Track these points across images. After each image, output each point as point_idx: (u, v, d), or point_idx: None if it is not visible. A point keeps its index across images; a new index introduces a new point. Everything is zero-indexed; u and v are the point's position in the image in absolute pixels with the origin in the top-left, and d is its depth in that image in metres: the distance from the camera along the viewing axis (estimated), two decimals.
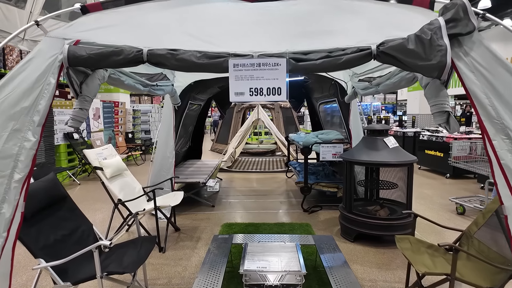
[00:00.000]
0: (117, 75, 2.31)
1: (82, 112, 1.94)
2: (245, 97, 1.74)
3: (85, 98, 1.95)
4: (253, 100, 1.75)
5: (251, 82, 1.71)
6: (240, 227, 3.79)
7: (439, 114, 1.81)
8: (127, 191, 3.44)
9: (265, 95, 1.72)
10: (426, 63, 1.58)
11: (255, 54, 1.75)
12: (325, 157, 4.40)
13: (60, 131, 6.56)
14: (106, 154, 3.49)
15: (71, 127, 1.95)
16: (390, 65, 2.04)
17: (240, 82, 1.73)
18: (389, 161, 3.18)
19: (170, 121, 4.26)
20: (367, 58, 1.71)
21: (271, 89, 1.72)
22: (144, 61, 1.77)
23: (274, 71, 1.71)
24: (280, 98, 1.72)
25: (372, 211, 3.53)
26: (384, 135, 3.43)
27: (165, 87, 3.35)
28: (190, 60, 1.71)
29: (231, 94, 1.76)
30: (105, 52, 1.71)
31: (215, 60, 1.73)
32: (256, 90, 1.73)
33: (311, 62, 1.69)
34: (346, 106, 4.66)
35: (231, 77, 1.74)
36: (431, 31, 1.59)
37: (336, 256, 2.44)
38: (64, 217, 2.31)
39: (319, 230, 3.76)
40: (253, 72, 1.72)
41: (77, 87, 1.94)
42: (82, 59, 1.69)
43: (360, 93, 3.28)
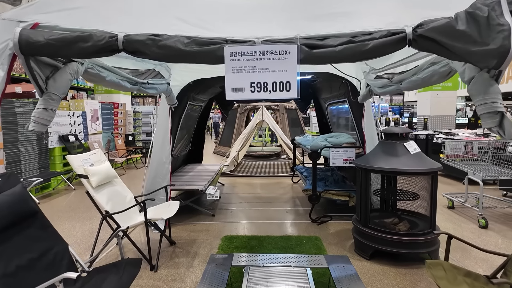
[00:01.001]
0: (96, 69, 1.96)
1: (47, 113, 1.59)
2: (245, 94, 1.38)
3: (51, 96, 1.61)
4: (254, 97, 1.40)
5: (252, 75, 1.35)
6: (242, 241, 3.42)
7: (489, 115, 1.42)
8: (116, 202, 3.09)
9: (270, 91, 1.36)
10: (481, 48, 1.20)
11: (258, 40, 1.39)
12: (335, 163, 4.01)
13: (55, 134, 6.26)
14: (93, 160, 3.15)
15: (34, 131, 1.60)
16: (427, 53, 1.66)
17: (239, 75, 1.37)
18: (412, 169, 2.79)
19: (167, 123, 3.91)
20: (400, 44, 1.34)
21: (277, 84, 1.36)
22: (120, 49, 1.42)
23: (281, 61, 1.34)
24: (289, 95, 1.36)
25: (390, 225, 3.14)
26: (404, 139, 3.05)
27: (158, 86, 3.00)
28: (175, 48, 1.36)
29: (227, 90, 1.41)
30: (69, 38, 1.36)
31: (207, 47, 1.37)
32: (259, 85, 1.37)
33: (329, 49, 1.33)
34: (358, 107, 4.27)
35: (227, 69, 1.38)
36: (488, 6, 1.21)
37: (354, 283, 2.05)
38: (34, 237, 1.96)
39: (330, 244, 3.38)
40: (255, 62, 1.36)
41: (42, 82, 1.60)
42: (38, 46, 1.34)
43: (377, 92, 2.90)
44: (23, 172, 5.35)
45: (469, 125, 9.67)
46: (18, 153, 5.26)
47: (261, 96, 1.37)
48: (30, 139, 5.55)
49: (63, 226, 4.03)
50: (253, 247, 3.27)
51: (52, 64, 1.68)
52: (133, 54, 1.43)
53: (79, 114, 7.11)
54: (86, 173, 2.89)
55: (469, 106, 18.15)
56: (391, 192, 3.36)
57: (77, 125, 7.02)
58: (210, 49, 1.35)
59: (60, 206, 4.94)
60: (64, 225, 4.07)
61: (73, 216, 4.44)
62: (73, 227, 3.99)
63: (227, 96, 1.41)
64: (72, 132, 6.81)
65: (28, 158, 5.49)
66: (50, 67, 1.67)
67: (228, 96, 1.41)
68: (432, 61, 1.92)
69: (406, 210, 3.43)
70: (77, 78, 1.80)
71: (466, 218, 4.20)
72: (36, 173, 5.63)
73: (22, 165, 5.34)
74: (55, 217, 4.39)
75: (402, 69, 2.35)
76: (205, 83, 4.65)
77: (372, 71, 2.81)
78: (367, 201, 3.08)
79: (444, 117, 10.50)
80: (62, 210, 4.73)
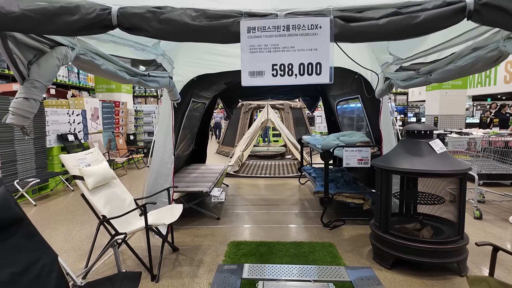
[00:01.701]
0: (89, 56, 1.71)
1: (29, 104, 1.35)
2: (265, 79, 1.13)
3: (34, 83, 1.36)
4: (276, 82, 1.14)
5: (274, 55, 1.10)
6: (250, 247, 3.16)
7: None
8: (115, 205, 2.85)
9: (297, 75, 1.11)
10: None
11: (281, 12, 1.14)
12: (349, 163, 3.76)
13: (53, 133, 6.03)
14: (90, 160, 2.91)
15: (13, 124, 1.36)
16: (470, 36, 1.39)
17: (258, 55, 1.12)
18: (440, 169, 2.52)
19: (169, 121, 3.67)
20: (457, 16, 1.09)
21: (305, 66, 1.10)
22: (113, 25, 1.17)
23: (311, 37, 1.09)
24: (320, 79, 1.11)
25: (412, 231, 2.88)
26: (428, 138, 2.78)
27: (160, 79, 2.75)
28: (181, 22, 1.11)
29: (243, 74, 1.15)
30: (51, 9, 1.12)
31: (220, 21, 1.12)
32: (283, 68, 1.12)
33: (370, 22, 1.07)
34: (372, 103, 4.01)
35: (243, 48, 1.13)
36: None
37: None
38: (17, 248, 1.71)
39: (346, 251, 3.11)
40: (278, 39, 1.11)
41: (23, 68, 1.35)
42: (12, 19, 1.10)
43: (400, 86, 2.64)
44: (19, 173, 5.12)
45: (481, 125, 9.36)
46: (14, 152, 5.03)
47: (285, 81, 1.12)
48: (27, 138, 5.32)
49: (59, 230, 3.79)
50: (262, 254, 3.01)
51: (37, 47, 1.43)
52: (130, 31, 1.18)
53: (79, 112, 6.89)
54: (81, 174, 2.65)
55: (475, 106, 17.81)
56: (413, 195, 3.10)
57: (77, 124, 6.79)
58: (223, 24, 1.11)
59: (58, 208, 4.71)
60: (61, 229, 3.83)
61: (70, 219, 4.21)
62: (70, 231, 3.75)
63: (243, 81, 1.16)
64: (71, 131, 6.58)
65: (25, 157, 5.26)
66: (34, 51, 1.43)
67: (244, 81, 1.16)
68: (475, 45, 1.67)
69: (427, 215, 3.17)
70: (66, 65, 1.56)
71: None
72: (33, 173, 5.41)
73: (18, 165, 5.12)
74: (51, 220, 4.15)
75: (436, 57, 2.09)
76: (209, 79, 4.40)
77: (396, 62, 2.55)
78: (388, 205, 2.81)
79: (454, 117, 10.21)
80: (60, 212, 4.50)
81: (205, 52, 3.68)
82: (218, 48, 3.67)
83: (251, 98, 7.35)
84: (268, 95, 6.19)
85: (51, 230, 3.76)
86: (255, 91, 6.12)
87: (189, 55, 3.64)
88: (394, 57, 2.55)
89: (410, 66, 2.43)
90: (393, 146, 3.76)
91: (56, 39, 1.50)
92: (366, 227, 3.75)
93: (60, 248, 3.27)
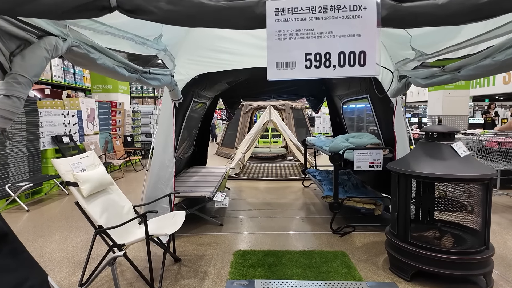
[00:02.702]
0: (83, 48, 1.51)
1: (11, 102, 1.14)
2: (297, 71, 0.93)
3: (17, 78, 1.15)
4: (310, 76, 0.95)
5: (308, 42, 0.90)
6: (258, 257, 2.96)
7: None
8: (112, 213, 2.63)
9: (335, 66, 0.91)
10: None
11: None
12: (360, 166, 3.57)
13: (47, 134, 5.79)
14: (85, 164, 2.69)
15: None
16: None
17: (288, 43, 0.92)
18: (466, 174, 2.34)
19: (170, 122, 3.46)
20: None
21: (347, 55, 0.90)
22: (112, 6, 0.96)
23: (353, 21, 0.90)
24: (364, 71, 0.91)
25: (433, 240, 2.69)
26: (450, 140, 2.60)
27: (161, 77, 2.54)
28: (194, 2, 0.90)
29: (269, 67, 0.95)
30: None
31: (242, 1, 0.91)
32: (319, 57, 0.92)
33: (427, 2, 0.87)
34: (382, 103, 3.83)
35: (270, 35, 0.93)
36: None
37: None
38: (1, 267, 1.50)
39: (360, 261, 2.92)
40: (312, 23, 0.91)
41: (4, 59, 1.14)
42: None
43: (420, 84, 2.45)
44: (11, 176, 4.88)
45: (485, 126, 9.22)
46: (5, 155, 4.79)
47: (321, 74, 0.92)
48: (20, 140, 5.08)
49: (53, 238, 3.57)
50: (271, 265, 2.81)
51: (21, 36, 1.22)
52: (132, 14, 0.98)
53: (74, 113, 6.65)
54: (76, 180, 2.43)
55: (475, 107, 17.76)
56: (431, 200, 2.91)
57: (72, 125, 6.56)
58: (246, 4, 0.91)
59: (52, 214, 4.47)
60: (55, 237, 3.61)
61: (65, 225, 3.98)
62: (64, 239, 3.53)
63: (269, 75, 0.96)
64: (67, 132, 6.34)
65: (17, 160, 5.02)
66: (18, 40, 1.22)
67: (270, 75, 0.96)
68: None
69: (445, 221, 2.97)
70: (56, 57, 1.35)
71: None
72: (26, 177, 5.16)
73: (10, 169, 4.87)
74: (45, 227, 3.92)
75: (466, 53, 1.91)
76: (212, 78, 4.20)
77: (419, 58, 2.36)
78: (407, 212, 2.62)
79: (457, 117, 10.08)
80: (54, 218, 4.26)
81: (208, 49, 3.48)
82: (222, 45, 3.47)
83: (253, 98, 7.15)
84: (271, 95, 6.00)
85: (44, 239, 3.53)
86: (258, 91, 5.92)
87: (191, 52, 3.43)
88: (417, 53, 2.36)
89: (434, 63, 2.24)
90: (406, 148, 3.59)
91: (44, 28, 1.29)
92: (378, 233, 3.56)
93: (53, 258, 3.05)
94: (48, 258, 3.06)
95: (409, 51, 2.40)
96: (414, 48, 2.31)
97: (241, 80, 4.87)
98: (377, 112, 4.13)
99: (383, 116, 4.02)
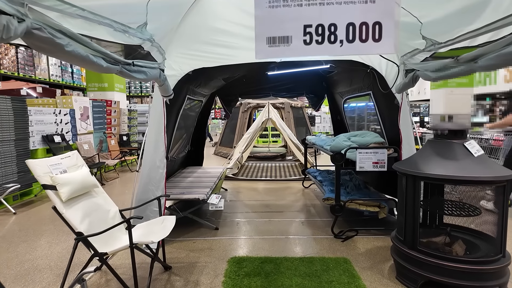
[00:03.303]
0: (47, 32, 1.30)
1: None
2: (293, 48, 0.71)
3: None
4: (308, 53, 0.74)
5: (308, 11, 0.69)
6: (254, 265, 2.75)
7: None
8: (96, 218, 2.42)
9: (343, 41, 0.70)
10: None
11: None
12: (363, 166, 3.36)
13: (38, 133, 5.58)
14: (67, 165, 2.48)
15: None
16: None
17: (282, 12, 0.70)
18: (483, 176, 2.13)
19: (161, 119, 3.25)
20: None
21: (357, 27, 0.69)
22: None
23: None
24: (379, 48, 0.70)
25: (444, 247, 2.48)
26: (462, 138, 2.39)
27: (148, 70, 2.33)
28: None
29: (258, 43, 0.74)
30: None
31: None
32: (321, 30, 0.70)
33: None
34: (386, 100, 3.63)
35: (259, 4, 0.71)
36: None
37: None
38: None
39: (364, 269, 2.71)
40: None
41: None
42: None
43: (430, 77, 2.24)
44: None
45: None
46: None
47: (325, 51, 0.71)
48: (7, 140, 4.87)
49: (38, 243, 3.36)
50: (268, 273, 2.60)
51: None
52: None
53: (67, 112, 6.43)
54: (53, 182, 2.22)
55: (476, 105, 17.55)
56: (440, 204, 2.70)
57: (64, 124, 6.34)
58: None
59: (40, 217, 4.27)
60: (39, 242, 3.40)
61: (52, 229, 3.77)
62: (49, 245, 3.32)
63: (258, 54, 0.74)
64: (59, 131, 6.13)
65: (5, 161, 4.81)
66: None
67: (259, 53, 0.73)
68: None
69: (455, 226, 2.77)
70: (10, 40, 1.14)
71: None
72: (14, 178, 4.95)
73: None
74: (31, 231, 3.71)
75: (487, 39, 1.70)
76: (207, 74, 3.99)
77: (430, 48, 2.15)
78: (415, 217, 2.41)
79: (460, 116, 9.89)
80: (41, 221, 4.06)
81: (202, 43, 3.27)
82: (217, 38, 3.26)
83: (251, 95, 6.94)
84: (269, 93, 5.78)
85: (27, 244, 3.33)
86: (256, 88, 5.70)
87: (183, 45, 3.22)
88: (427, 42, 2.14)
89: (446, 53, 2.03)
90: (412, 147, 3.38)
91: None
92: (383, 238, 3.36)
93: (35, 266, 2.84)
94: (29, 266, 2.85)
95: (419, 40, 2.18)
96: (425, 36, 2.10)
97: (238, 76, 4.66)
98: (380, 109, 3.93)
99: (387, 114, 3.82)
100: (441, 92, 10.21)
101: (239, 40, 3.30)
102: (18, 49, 8.23)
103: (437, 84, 10.10)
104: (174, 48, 3.16)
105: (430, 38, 2.08)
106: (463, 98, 9.99)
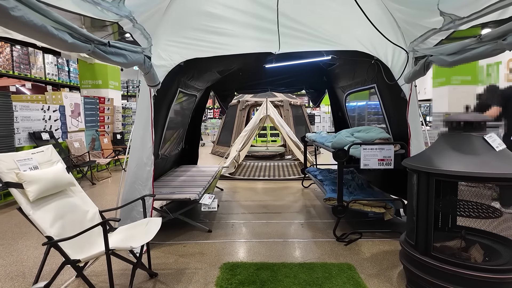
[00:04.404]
0: None
1: None
2: None
3: None
4: None
5: None
6: (249, 272, 2.49)
7: None
8: (71, 221, 2.16)
9: None
10: None
11: None
12: (368, 164, 3.11)
13: (24, 130, 5.31)
14: (38, 161, 2.22)
15: None
16: None
17: None
18: (507, 173, 1.87)
19: (148, 113, 2.99)
20: None
21: None
22: None
23: None
24: None
25: (460, 253, 2.22)
26: (481, 130, 2.13)
27: (128, 53, 2.06)
28: None
29: None
30: None
31: None
32: None
33: None
34: (391, 94, 3.38)
35: None
36: None
37: None
38: None
39: (370, 276, 2.45)
40: None
41: None
42: None
43: (446, 62, 1.98)
44: None
45: None
46: None
47: None
48: None
49: (15, 247, 3.09)
50: (264, 282, 2.34)
51: None
52: None
53: (56, 108, 6.16)
54: (19, 180, 1.95)
55: None
56: (456, 204, 2.44)
57: (53, 121, 6.07)
58: None
59: (21, 218, 3.94)
60: (17, 245, 3.14)
61: (32, 232, 3.50)
62: (26, 249, 3.05)
63: None
64: (47, 128, 5.86)
65: None
66: None
67: None
68: None
69: (470, 228, 2.51)
70: None
71: None
72: None
73: None
74: (8, 234, 3.45)
75: None
76: (200, 65, 3.74)
77: (448, 25, 1.88)
78: (429, 219, 2.15)
79: None
80: (21, 223, 3.78)
81: (194, 29, 3.01)
82: (210, 24, 3.01)
83: (248, 90, 6.68)
84: (267, 87, 5.52)
85: (3, 248, 3.07)
86: (253, 82, 5.44)
87: (172, 31, 2.96)
88: (446, 19, 1.87)
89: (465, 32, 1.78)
90: (421, 143, 3.13)
91: None
92: (389, 241, 3.10)
93: (7, 273, 2.57)
94: (1, 273, 2.58)
95: (434, 18, 1.92)
96: (443, 12, 1.83)
97: (234, 69, 4.40)
98: (385, 103, 3.68)
99: (392, 108, 3.56)
100: (444, 90, 9.97)
101: (234, 26, 3.05)
102: (13, 48, 7.96)
103: (440, 81, 9.87)
104: (162, 34, 2.91)
105: (450, 14, 1.82)
106: (467, 95, 9.74)
